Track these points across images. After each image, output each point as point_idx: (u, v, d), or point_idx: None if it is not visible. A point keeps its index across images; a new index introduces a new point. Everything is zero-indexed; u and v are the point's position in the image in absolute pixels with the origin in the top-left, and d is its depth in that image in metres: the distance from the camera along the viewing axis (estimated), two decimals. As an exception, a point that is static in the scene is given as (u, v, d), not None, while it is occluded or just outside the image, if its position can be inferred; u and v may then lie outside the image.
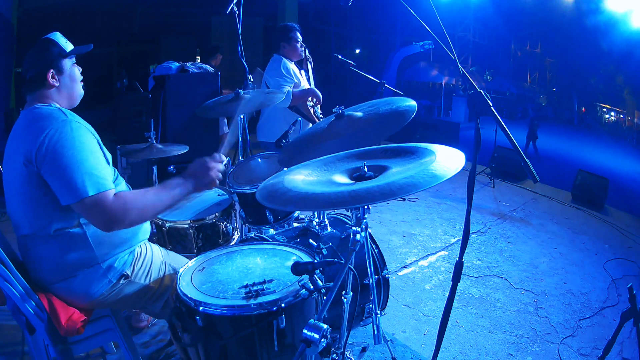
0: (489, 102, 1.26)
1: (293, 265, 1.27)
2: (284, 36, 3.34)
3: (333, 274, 1.59)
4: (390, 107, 1.75)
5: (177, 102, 4.12)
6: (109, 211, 1.39)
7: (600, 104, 12.48)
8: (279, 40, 3.38)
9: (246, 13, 3.02)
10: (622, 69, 9.37)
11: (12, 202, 1.54)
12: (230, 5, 2.85)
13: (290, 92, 3.17)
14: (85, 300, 1.57)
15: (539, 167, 1.42)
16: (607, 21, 7.53)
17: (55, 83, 1.56)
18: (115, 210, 1.40)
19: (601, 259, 3.54)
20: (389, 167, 1.29)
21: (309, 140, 1.86)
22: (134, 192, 1.51)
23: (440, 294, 2.91)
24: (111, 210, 1.40)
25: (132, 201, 1.44)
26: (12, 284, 1.42)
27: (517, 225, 4.22)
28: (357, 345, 2.27)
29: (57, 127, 1.43)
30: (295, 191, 1.22)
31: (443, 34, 1.35)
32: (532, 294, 2.95)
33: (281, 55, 3.35)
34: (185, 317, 1.33)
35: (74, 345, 1.59)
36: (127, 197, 1.45)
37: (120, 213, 1.41)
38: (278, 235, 1.98)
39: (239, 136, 2.87)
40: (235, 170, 2.50)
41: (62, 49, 1.59)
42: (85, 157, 1.42)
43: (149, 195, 1.50)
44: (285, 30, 3.36)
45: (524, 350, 2.38)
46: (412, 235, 3.87)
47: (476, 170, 1.49)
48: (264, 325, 1.29)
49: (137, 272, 1.67)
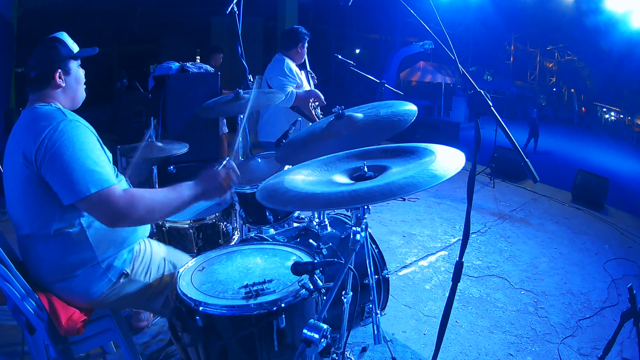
0: (489, 102, 1.26)
1: (293, 265, 1.27)
2: (301, 41, 3.36)
3: (333, 274, 1.59)
4: (391, 111, 1.75)
5: (177, 102, 4.12)
6: (116, 206, 1.39)
7: (600, 104, 12.49)
8: (294, 43, 3.37)
9: (246, 13, 3.02)
10: (622, 69, 9.37)
11: (12, 202, 1.54)
12: (230, 5, 2.85)
13: (294, 92, 3.17)
14: (86, 300, 1.57)
15: (539, 166, 1.42)
16: (607, 21, 7.54)
17: (61, 83, 1.56)
18: (122, 206, 1.40)
19: (601, 259, 3.54)
20: (389, 167, 1.29)
21: (308, 140, 1.86)
22: (143, 190, 1.51)
23: (440, 294, 2.91)
24: (118, 205, 1.39)
25: (140, 198, 1.44)
26: (12, 284, 1.42)
27: (517, 225, 4.22)
28: (357, 345, 2.27)
29: (57, 126, 1.43)
30: (295, 191, 1.22)
31: (443, 34, 1.35)
32: (532, 294, 2.95)
33: (285, 56, 3.36)
34: (185, 317, 1.33)
35: (74, 345, 1.58)
36: (135, 193, 1.45)
37: (127, 209, 1.40)
38: (278, 235, 1.98)
39: (239, 136, 2.87)
40: (235, 170, 2.50)
41: (70, 50, 1.59)
42: (85, 155, 1.42)
43: (159, 195, 1.50)
44: (303, 35, 3.38)
45: (524, 350, 2.38)
46: (412, 235, 3.87)
47: (476, 170, 1.49)
48: (264, 325, 1.29)
49: (136, 269, 1.66)
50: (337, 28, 11.91)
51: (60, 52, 1.56)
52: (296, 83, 3.26)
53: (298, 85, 3.28)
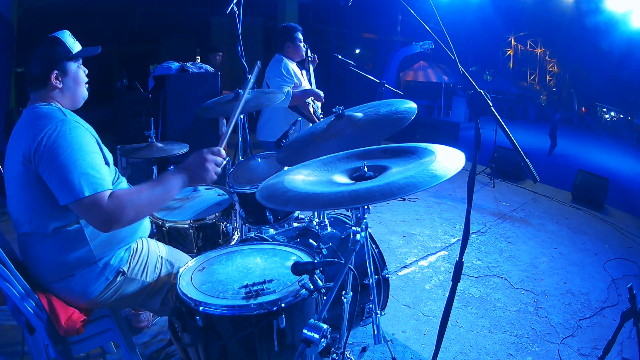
0: (489, 102, 1.26)
1: (293, 265, 1.27)
2: (289, 36, 3.36)
3: (333, 274, 1.59)
4: (390, 109, 1.75)
5: (177, 102, 4.12)
6: (105, 211, 1.39)
7: (600, 104, 12.49)
8: (283, 40, 3.39)
9: (246, 13, 3.02)
10: (622, 69, 9.36)
11: (12, 200, 1.54)
12: (230, 5, 2.85)
13: (290, 92, 3.17)
14: (84, 300, 1.57)
15: (539, 166, 1.42)
16: (607, 21, 7.53)
17: (58, 85, 1.55)
18: (112, 210, 1.39)
19: (601, 259, 3.54)
20: (389, 167, 1.29)
21: (308, 140, 1.86)
22: (128, 190, 1.50)
23: (440, 294, 2.91)
24: (107, 210, 1.39)
25: (127, 199, 1.43)
26: (12, 284, 1.42)
27: (517, 225, 4.22)
28: (357, 345, 2.27)
29: (56, 126, 1.42)
30: (295, 191, 1.22)
31: (443, 33, 1.35)
32: (532, 294, 2.95)
33: (283, 55, 3.37)
34: (185, 317, 1.33)
35: (74, 345, 1.59)
36: (121, 195, 1.43)
37: (117, 212, 1.40)
38: (278, 235, 1.98)
39: (239, 136, 2.87)
40: (235, 170, 2.50)
41: (68, 50, 1.56)
42: (82, 157, 1.42)
43: (144, 191, 1.48)
44: (290, 30, 3.38)
45: (524, 350, 2.38)
46: (412, 235, 3.87)
47: (476, 170, 1.49)
48: (264, 325, 1.29)
49: (133, 268, 1.66)
50: (337, 28, 11.90)
51: (57, 53, 1.54)
52: (293, 83, 3.26)
53: (296, 85, 3.28)
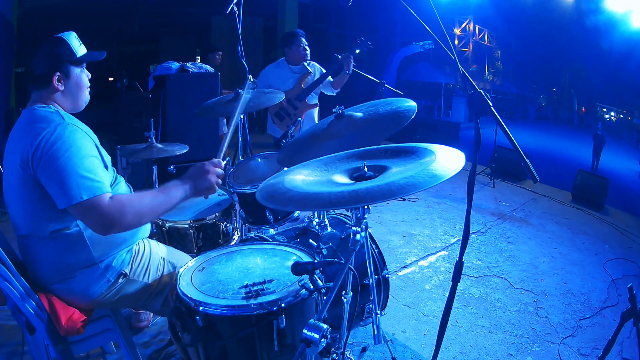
0: (489, 102, 1.26)
1: (293, 265, 1.27)
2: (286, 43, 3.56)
3: (333, 274, 1.59)
4: (390, 107, 1.75)
5: (177, 102, 4.12)
6: (105, 215, 1.37)
7: (600, 104, 12.47)
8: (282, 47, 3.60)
9: (246, 13, 3.02)
10: (622, 69, 9.36)
11: (11, 203, 1.53)
12: (230, 5, 2.85)
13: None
14: (85, 300, 1.57)
15: (539, 166, 1.42)
16: (607, 21, 7.54)
17: (60, 87, 1.53)
18: (112, 214, 1.38)
19: (601, 259, 3.54)
20: (389, 167, 1.29)
21: (308, 140, 1.86)
22: (130, 195, 1.49)
23: (440, 294, 2.91)
24: (107, 213, 1.38)
25: (128, 204, 1.42)
26: (12, 283, 1.42)
27: (517, 225, 4.22)
28: (357, 345, 2.27)
29: (53, 130, 1.41)
30: (295, 191, 1.22)
31: (443, 34, 1.35)
32: (532, 294, 2.95)
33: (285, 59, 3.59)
34: (185, 317, 1.33)
35: (74, 345, 1.59)
36: (123, 200, 1.43)
37: (117, 216, 1.38)
38: (278, 235, 1.98)
39: (239, 136, 2.88)
40: (235, 170, 2.50)
41: (72, 53, 1.53)
42: (80, 160, 1.40)
43: (146, 198, 1.47)
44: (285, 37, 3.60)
45: (524, 350, 2.38)
46: (412, 235, 3.87)
47: (476, 170, 1.49)
48: (264, 325, 1.29)
49: (135, 269, 1.66)
50: (337, 28, 11.90)
51: (60, 56, 1.52)
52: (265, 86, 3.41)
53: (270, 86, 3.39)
